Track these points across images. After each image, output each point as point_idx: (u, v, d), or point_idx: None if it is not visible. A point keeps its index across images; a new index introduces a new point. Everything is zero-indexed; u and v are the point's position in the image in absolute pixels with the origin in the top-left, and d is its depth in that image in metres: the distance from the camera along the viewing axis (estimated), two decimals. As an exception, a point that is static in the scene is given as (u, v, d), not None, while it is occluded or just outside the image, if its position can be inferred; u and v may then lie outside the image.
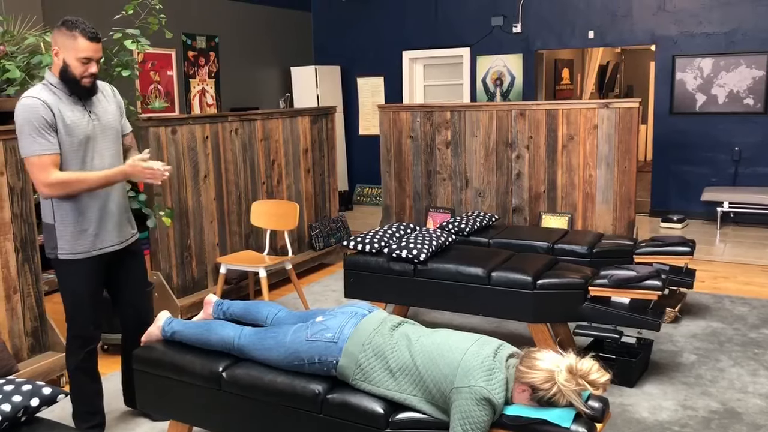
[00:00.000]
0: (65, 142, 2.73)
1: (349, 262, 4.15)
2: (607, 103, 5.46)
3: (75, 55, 2.69)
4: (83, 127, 2.78)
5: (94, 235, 2.86)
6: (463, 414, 2.15)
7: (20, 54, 4.11)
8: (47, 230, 2.85)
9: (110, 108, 2.94)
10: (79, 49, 2.69)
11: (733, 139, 7.43)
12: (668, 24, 7.61)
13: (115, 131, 2.95)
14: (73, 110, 2.76)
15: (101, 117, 2.87)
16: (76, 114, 2.77)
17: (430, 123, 6.16)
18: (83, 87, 2.76)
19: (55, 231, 2.83)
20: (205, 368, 2.64)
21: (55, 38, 2.74)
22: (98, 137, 2.84)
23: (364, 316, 2.53)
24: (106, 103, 2.93)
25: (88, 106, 2.83)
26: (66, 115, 2.73)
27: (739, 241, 6.78)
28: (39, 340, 3.77)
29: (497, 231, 4.96)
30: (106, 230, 2.90)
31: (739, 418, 3.22)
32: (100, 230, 2.88)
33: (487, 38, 8.59)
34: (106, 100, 2.94)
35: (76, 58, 2.70)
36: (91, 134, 2.81)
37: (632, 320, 3.54)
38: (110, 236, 2.93)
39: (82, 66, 2.72)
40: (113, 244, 2.94)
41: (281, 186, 5.82)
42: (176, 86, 7.61)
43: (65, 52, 2.71)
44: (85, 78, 2.74)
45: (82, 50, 2.70)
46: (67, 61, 2.71)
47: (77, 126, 2.76)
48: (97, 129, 2.84)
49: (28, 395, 2.18)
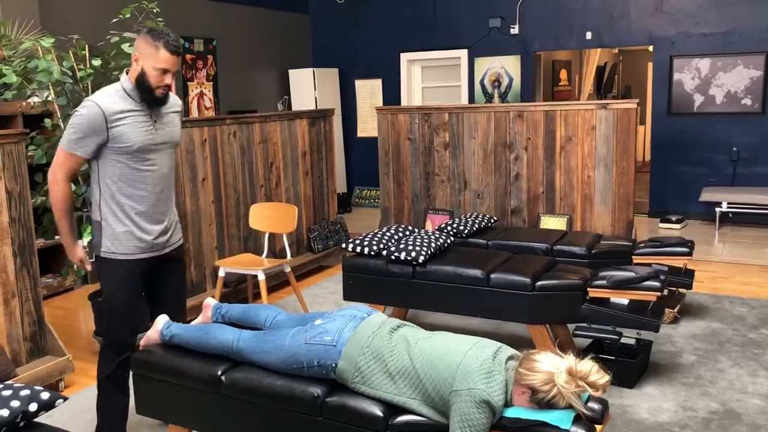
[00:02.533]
0: (120, 148, 2.75)
1: (347, 264, 4.15)
2: (605, 104, 5.47)
3: (154, 65, 2.73)
4: (144, 136, 2.80)
5: (138, 237, 2.86)
6: (462, 417, 2.15)
7: (17, 58, 4.11)
8: (95, 227, 2.87)
9: (175, 121, 2.98)
10: (159, 60, 2.73)
11: (731, 139, 7.43)
12: (665, 24, 7.62)
13: (174, 144, 2.98)
14: (136, 118, 2.79)
15: (165, 128, 2.90)
16: (139, 121, 2.79)
17: (429, 125, 6.16)
18: (156, 97, 2.80)
19: (101, 228, 2.84)
20: (204, 372, 2.64)
21: (138, 45, 2.78)
22: (157, 146, 2.86)
23: (362, 319, 2.52)
24: (172, 116, 2.96)
25: (155, 115, 2.85)
26: (127, 122, 2.75)
27: (738, 241, 6.78)
28: (38, 344, 3.76)
29: (496, 232, 4.96)
30: (152, 233, 2.90)
31: (738, 418, 3.22)
32: (145, 233, 2.88)
33: (484, 40, 8.60)
34: (173, 113, 2.97)
35: (155, 67, 2.73)
36: (151, 144, 2.83)
37: (631, 321, 3.54)
38: (155, 242, 2.92)
39: (159, 76, 2.75)
40: (158, 248, 2.93)
41: (280, 189, 5.82)
42: (174, 89, 7.60)
43: (145, 60, 2.74)
44: (160, 89, 2.78)
45: (162, 61, 2.73)
46: (145, 69, 2.74)
47: (137, 134, 2.78)
48: (158, 139, 2.86)
49: (26, 400, 2.17)
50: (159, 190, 2.90)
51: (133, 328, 2.96)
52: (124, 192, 2.81)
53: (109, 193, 2.81)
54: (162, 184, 2.91)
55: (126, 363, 2.94)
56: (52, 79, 3.87)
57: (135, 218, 2.84)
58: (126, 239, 2.84)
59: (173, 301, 3.11)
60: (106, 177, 2.80)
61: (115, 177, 2.79)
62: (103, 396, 2.98)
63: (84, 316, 5.14)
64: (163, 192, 2.93)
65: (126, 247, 2.85)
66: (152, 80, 2.75)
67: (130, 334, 2.95)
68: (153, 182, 2.87)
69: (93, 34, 4.50)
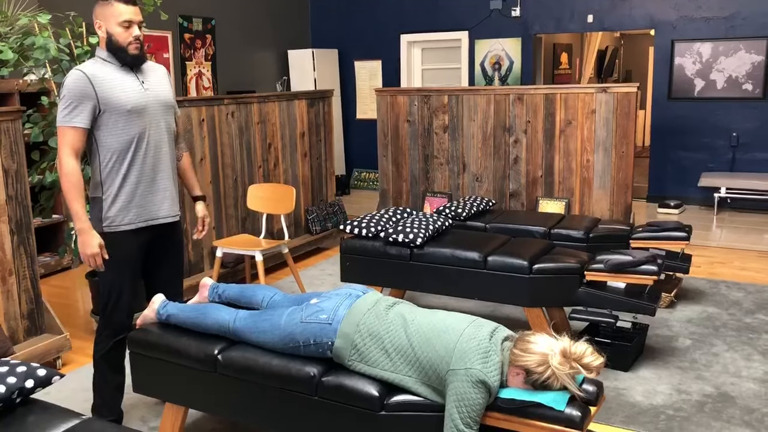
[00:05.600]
0: (114, 110, 2.73)
1: (345, 246, 4.15)
2: (605, 88, 5.44)
3: (115, 21, 2.73)
4: (135, 95, 2.78)
5: (139, 206, 2.84)
6: (458, 396, 2.16)
7: (14, 35, 4.08)
8: (94, 204, 2.83)
9: (163, 83, 2.95)
10: (117, 14, 2.72)
11: (731, 124, 7.41)
12: (667, 8, 7.56)
13: (169, 104, 2.94)
14: (124, 79, 2.78)
15: (154, 88, 2.87)
16: (126, 82, 2.78)
17: (428, 107, 6.14)
18: (131, 54, 2.78)
19: (101, 203, 2.81)
20: (200, 351, 2.64)
21: (96, 13, 2.77)
22: (152, 108, 2.84)
23: (358, 297, 2.53)
24: (160, 77, 2.94)
25: (140, 76, 2.84)
26: (115, 84, 2.74)
27: (736, 226, 6.79)
28: (35, 322, 3.77)
29: (494, 216, 4.95)
30: (152, 203, 2.88)
31: (732, 402, 3.24)
32: (146, 202, 2.86)
33: (485, 22, 8.54)
34: (160, 76, 2.95)
35: (117, 23, 2.73)
36: (144, 104, 2.81)
37: (628, 305, 3.55)
38: (157, 210, 2.90)
39: (125, 31, 2.74)
40: (159, 217, 2.92)
41: (278, 170, 5.80)
42: (172, 69, 7.56)
43: (106, 22, 2.74)
44: (132, 44, 2.76)
45: (120, 14, 2.72)
46: (110, 31, 2.74)
47: (127, 94, 2.76)
48: (151, 98, 2.84)
49: (22, 377, 2.17)
50: (158, 157, 2.87)
51: (130, 308, 2.95)
52: (124, 160, 2.78)
53: (109, 165, 2.78)
54: (160, 149, 2.88)
55: (122, 343, 2.95)
56: (49, 57, 3.84)
57: (136, 186, 2.82)
58: (126, 210, 2.82)
59: (170, 281, 3.10)
60: (104, 147, 2.77)
61: (113, 146, 2.77)
62: (99, 375, 2.98)
63: (81, 295, 5.15)
64: (162, 158, 2.90)
65: (127, 218, 2.83)
66: (120, 38, 2.74)
67: (128, 314, 2.94)
68: (152, 149, 2.84)
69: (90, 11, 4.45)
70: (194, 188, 3.27)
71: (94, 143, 2.79)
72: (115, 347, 2.95)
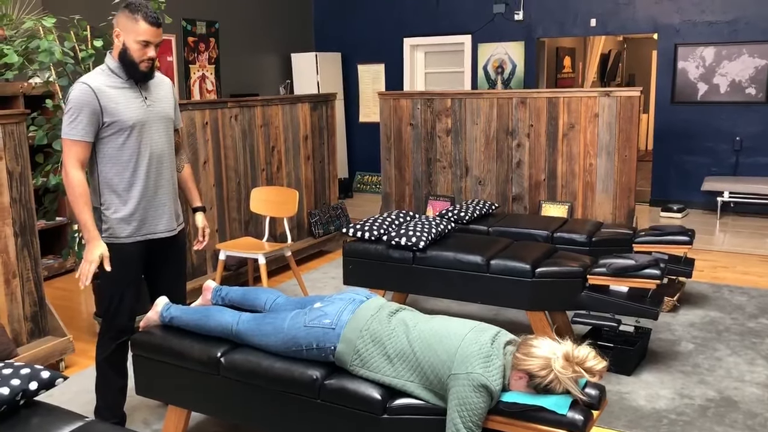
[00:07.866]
0: (116, 125, 2.74)
1: (348, 249, 4.15)
2: (608, 92, 5.44)
3: (135, 38, 2.72)
4: (137, 111, 2.79)
5: (139, 220, 2.85)
6: (460, 400, 2.16)
7: (19, 38, 4.10)
8: (94, 214, 2.84)
9: (167, 97, 2.96)
10: (139, 32, 2.72)
11: (734, 128, 7.40)
12: (670, 12, 7.56)
13: (168, 120, 2.95)
14: (126, 94, 2.78)
15: (156, 104, 2.88)
16: (130, 98, 2.79)
17: (431, 110, 6.14)
18: (141, 71, 2.78)
19: (100, 214, 2.83)
20: (203, 353, 2.65)
21: (118, 20, 2.77)
22: (151, 123, 2.85)
23: (362, 303, 2.53)
24: (163, 92, 2.95)
25: (144, 91, 2.85)
26: (119, 99, 2.75)
27: (739, 230, 6.78)
28: (38, 324, 3.78)
29: (497, 219, 4.96)
30: (153, 217, 2.89)
31: (735, 406, 3.23)
32: (146, 217, 2.87)
33: (488, 26, 8.54)
34: (164, 90, 2.96)
35: (136, 40, 2.73)
36: (144, 119, 2.82)
37: (630, 309, 3.55)
38: (156, 224, 2.91)
39: (141, 49, 2.74)
40: (158, 231, 2.93)
41: (281, 173, 5.81)
42: (176, 72, 7.58)
43: (126, 34, 2.74)
44: (144, 62, 2.77)
45: (142, 33, 2.72)
46: (127, 44, 2.74)
47: (131, 110, 2.77)
48: (152, 114, 2.85)
49: (26, 379, 2.18)
50: (159, 172, 2.89)
51: (132, 311, 2.96)
52: (123, 174, 2.80)
53: (108, 177, 2.80)
54: (161, 164, 2.90)
55: (124, 346, 2.95)
56: (54, 60, 3.85)
57: (134, 201, 2.83)
58: (126, 223, 2.83)
59: (173, 284, 3.11)
60: (104, 160, 2.78)
61: (113, 159, 2.78)
62: (101, 377, 2.99)
63: (84, 298, 5.15)
64: (163, 173, 2.92)
65: (126, 231, 2.84)
66: (135, 54, 2.74)
67: (129, 317, 2.95)
68: (154, 164, 2.86)
69: (94, 15, 4.48)
70: (195, 200, 3.27)
71: (94, 155, 2.80)
72: (118, 350, 2.96)
